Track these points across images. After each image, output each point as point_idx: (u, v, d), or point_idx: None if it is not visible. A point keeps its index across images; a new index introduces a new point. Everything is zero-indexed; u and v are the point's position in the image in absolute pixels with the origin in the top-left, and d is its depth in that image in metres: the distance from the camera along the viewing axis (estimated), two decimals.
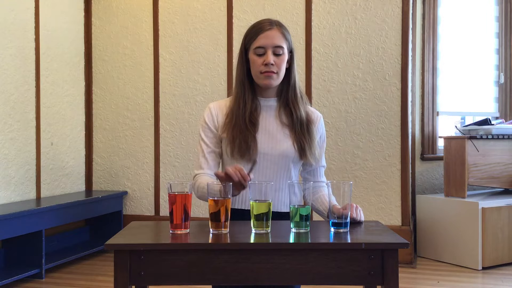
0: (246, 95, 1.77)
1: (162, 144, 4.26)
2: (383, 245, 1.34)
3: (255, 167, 1.62)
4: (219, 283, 1.36)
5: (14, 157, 3.61)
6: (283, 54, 1.74)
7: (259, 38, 1.73)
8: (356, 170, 3.83)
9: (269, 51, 1.72)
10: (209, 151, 1.79)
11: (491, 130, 3.85)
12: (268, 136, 1.76)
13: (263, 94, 1.81)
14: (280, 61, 1.73)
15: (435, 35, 4.38)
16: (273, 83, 1.75)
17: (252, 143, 1.72)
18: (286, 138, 1.77)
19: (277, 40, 1.72)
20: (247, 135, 1.73)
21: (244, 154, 1.72)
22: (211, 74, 4.12)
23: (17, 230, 3.23)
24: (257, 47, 1.73)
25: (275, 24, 1.75)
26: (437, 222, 3.88)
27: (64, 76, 4.14)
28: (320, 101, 3.88)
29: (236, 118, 1.75)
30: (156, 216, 4.27)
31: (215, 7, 4.12)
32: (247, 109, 1.75)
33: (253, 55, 1.74)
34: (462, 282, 3.34)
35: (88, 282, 3.34)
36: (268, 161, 1.75)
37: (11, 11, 3.60)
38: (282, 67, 1.75)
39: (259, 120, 1.78)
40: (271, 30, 1.73)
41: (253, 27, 1.77)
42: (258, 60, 1.73)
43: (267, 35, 1.72)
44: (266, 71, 1.72)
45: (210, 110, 1.82)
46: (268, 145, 1.75)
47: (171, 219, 1.46)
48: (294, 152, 1.76)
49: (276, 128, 1.78)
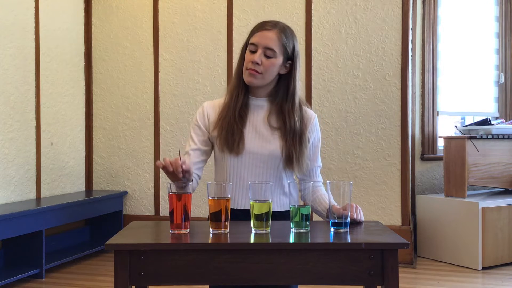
0: (241, 88, 1.78)
1: (162, 144, 4.26)
2: (383, 245, 1.34)
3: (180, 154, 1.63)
4: (219, 283, 1.36)
5: (14, 157, 3.61)
6: (274, 57, 1.72)
7: (256, 35, 1.73)
8: (356, 170, 3.83)
9: (259, 50, 1.72)
10: (194, 148, 1.80)
11: (491, 130, 3.85)
12: (257, 135, 1.76)
13: (254, 93, 1.81)
14: (268, 63, 1.72)
15: (435, 35, 4.38)
16: (255, 82, 1.74)
17: (237, 137, 1.73)
18: (275, 139, 1.76)
19: (271, 42, 1.71)
20: (234, 128, 1.74)
21: (231, 148, 1.73)
22: (211, 74, 4.13)
23: (17, 230, 3.23)
24: (251, 43, 1.74)
25: (277, 27, 1.73)
26: (437, 222, 3.88)
27: (64, 76, 4.14)
28: (320, 101, 3.88)
29: (227, 110, 1.77)
30: (156, 216, 4.27)
31: (215, 7, 4.12)
32: (238, 102, 1.77)
33: (247, 50, 1.75)
34: (462, 282, 3.34)
35: (88, 282, 3.34)
36: (257, 159, 1.75)
37: (11, 11, 3.60)
38: (269, 70, 1.73)
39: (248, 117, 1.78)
40: (269, 31, 1.72)
41: (257, 24, 1.78)
42: (248, 56, 1.74)
43: (263, 34, 1.72)
44: (251, 68, 1.72)
45: (202, 109, 1.84)
46: (257, 144, 1.75)
47: (171, 219, 1.46)
48: (281, 158, 1.75)
49: (265, 129, 1.77)
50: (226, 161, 1.77)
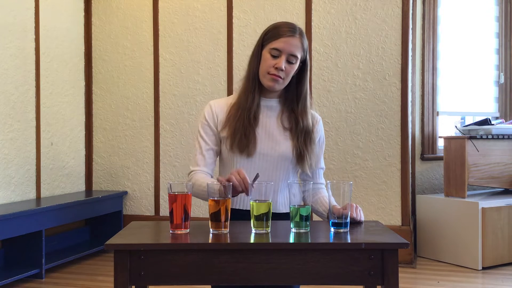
0: (255, 90, 1.77)
1: (162, 144, 4.26)
2: (383, 245, 1.34)
3: (257, 179, 1.59)
4: (219, 283, 1.36)
5: (14, 157, 3.61)
6: (295, 63, 1.75)
7: (279, 41, 1.71)
8: (356, 170, 3.83)
9: (283, 56, 1.71)
10: (207, 149, 1.78)
11: (491, 130, 3.85)
12: (268, 136, 1.77)
13: (265, 94, 1.80)
14: (290, 69, 1.74)
15: (435, 35, 4.38)
16: (277, 88, 1.76)
17: (252, 138, 1.73)
18: (286, 140, 1.77)
19: (295, 49, 1.72)
20: (248, 129, 1.73)
21: (243, 149, 1.72)
22: (211, 74, 4.12)
23: (17, 230, 3.23)
24: (274, 48, 1.72)
25: (298, 33, 1.74)
26: (437, 222, 3.88)
27: (64, 76, 4.14)
28: (320, 101, 3.88)
29: (242, 111, 1.75)
30: (156, 216, 4.27)
31: (215, 7, 4.12)
32: (254, 103, 1.76)
33: (267, 54, 1.73)
34: (462, 282, 3.34)
35: (88, 282, 3.34)
36: (267, 161, 1.75)
37: (11, 11, 3.60)
38: (290, 75, 1.76)
39: (260, 118, 1.78)
40: (293, 38, 1.72)
41: (277, 27, 1.75)
42: (271, 61, 1.72)
43: (288, 41, 1.71)
44: (275, 74, 1.72)
45: (210, 107, 1.81)
46: (268, 145, 1.75)
47: (171, 219, 1.46)
48: (292, 157, 1.76)
49: (277, 130, 1.78)
50: (235, 161, 1.76)
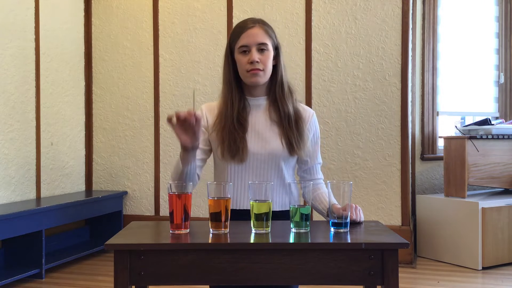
0: (234, 95, 1.77)
1: (162, 144, 4.26)
2: (383, 245, 1.34)
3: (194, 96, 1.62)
4: (219, 283, 1.36)
5: (14, 157, 3.61)
6: (268, 50, 1.74)
7: (242, 37, 1.73)
8: (356, 170, 3.83)
9: (253, 49, 1.72)
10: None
11: (491, 130, 3.85)
12: (257, 136, 1.77)
13: (252, 94, 1.81)
14: (265, 58, 1.74)
15: (435, 35, 4.38)
16: (260, 81, 1.75)
17: (241, 144, 1.73)
18: (274, 136, 1.77)
19: (260, 37, 1.73)
20: (235, 136, 1.73)
21: (235, 155, 1.73)
22: (211, 74, 4.12)
23: (17, 230, 3.23)
24: (241, 46, 1.73)
25: (258, 22, 1.76)
26: (437, 222, 3.88)
27: (64, 76, 4.14)
28: (320, 101, 3.88)
29: (225, 119, 1.76)
30: (156, 216, 4.27)
31: (215, 7, 4.12)
32: (234, 109, 1.76)
33: (238, 55, 1.75)
34: (462, 282, 3.34)
35: (88, 282, 3.34)
36: (258, 160, 1.76)
37: (11, 11, 3.59)
38: (268, 64, 1.75)
39: (248, 120, 1.78)
40: (253, 28, 1.73)
41: (236, 27, 1.78)
42: (244, 59, 1.73)
43: (249, 34, 1.73)
44: (252, 68, 1.72)
45: (201, 110, 1.84)
46: (258, 146, 1.76)
47: (171, 219, 1.46)
48: (283, 149, 1.76)
49: (265, 127, 1.78)
50: (229, 167, 1.77)
